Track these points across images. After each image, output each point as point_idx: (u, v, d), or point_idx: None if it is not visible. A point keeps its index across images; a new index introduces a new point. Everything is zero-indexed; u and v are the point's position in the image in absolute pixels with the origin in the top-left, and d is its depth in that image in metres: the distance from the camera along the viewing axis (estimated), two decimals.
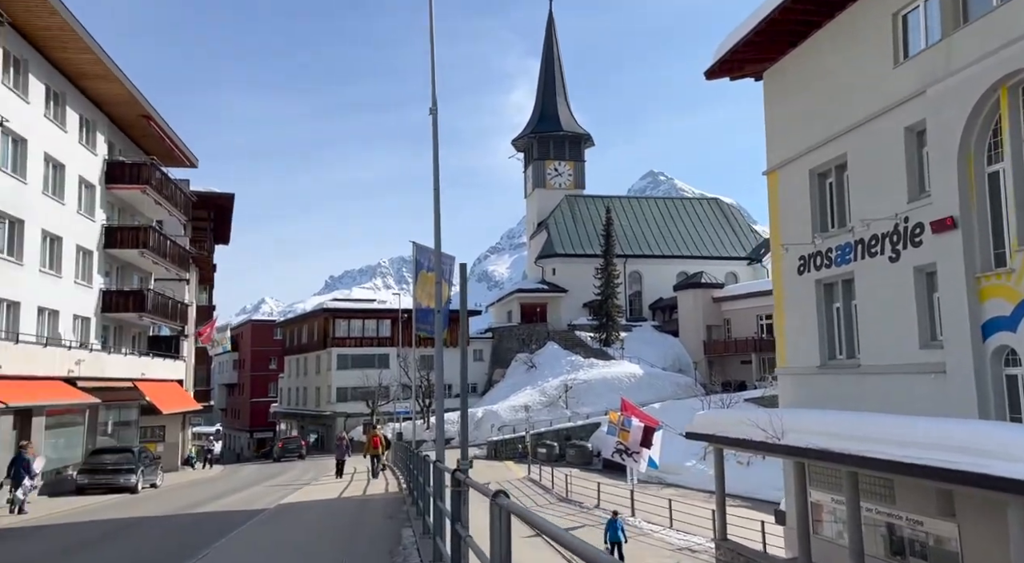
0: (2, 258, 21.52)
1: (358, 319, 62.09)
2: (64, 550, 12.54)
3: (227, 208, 47.20)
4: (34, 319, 23.43)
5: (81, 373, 23.85)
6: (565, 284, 66.14)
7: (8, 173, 21.96)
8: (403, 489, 19.30)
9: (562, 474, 30.14)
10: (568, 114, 74.94)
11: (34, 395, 20.25)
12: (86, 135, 27.78)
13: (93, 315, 28.08)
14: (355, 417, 54.97)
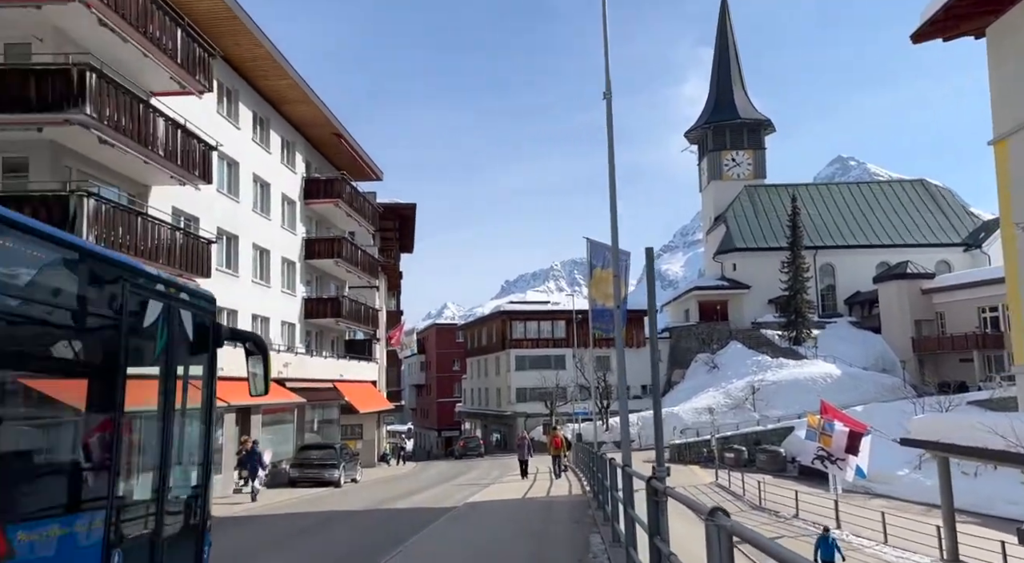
0: (222, 271, 23.97)
1: (534, 321, 62.92)
2: (291, 534, 13.78)
3: (410, 218, 49.76)
4: (248, 325, 25.90)
5: (289, 375, 26.05)
6: (747, 280, 62.48)
7: (225, 194, 24.46)
8: (586, 492, 18.88)
9: (753, 480, 28.19)
10: (745, 100, 70.86)
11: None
12: (287, 155, 30.39)
13: (297, 321, 30.62)
14: (534, 417, 55.62)
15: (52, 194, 14.31)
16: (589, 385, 52.60)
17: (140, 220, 16.83)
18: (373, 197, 40.23)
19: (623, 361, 10.95)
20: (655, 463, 6.53)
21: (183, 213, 21.46)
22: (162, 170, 17.92)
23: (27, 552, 3.59)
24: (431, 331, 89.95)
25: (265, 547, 12.67)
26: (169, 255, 17.88)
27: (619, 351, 10.95)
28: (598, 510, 13.81)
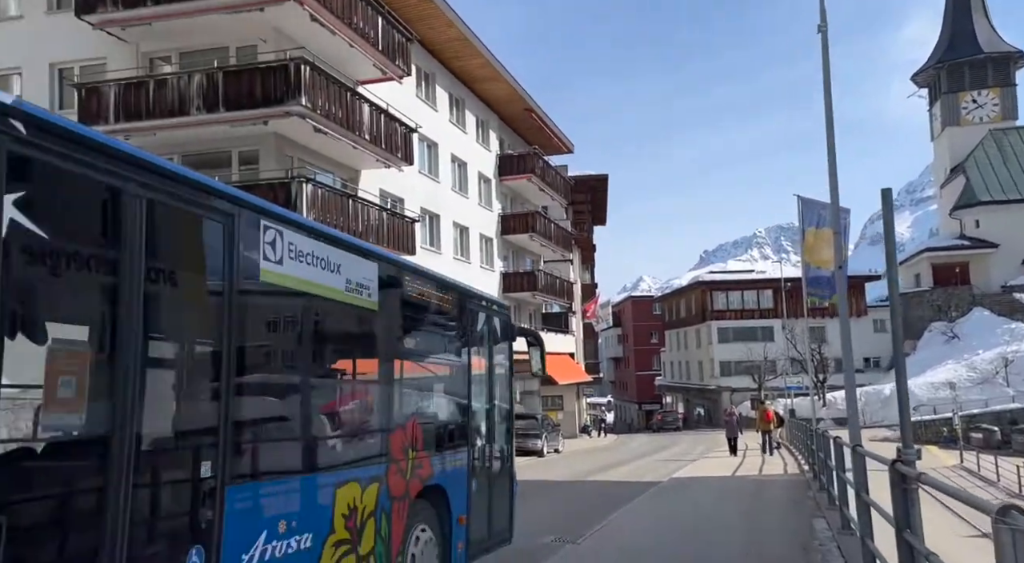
0: (425, 249, 25.19)
1: (736, 291, 59.79)
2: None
3: (602, 190, 49.23)
4: None
5: None
6: (994, 237, 54.39)
7: (426, 175, 25.61)
8: (804, 472, 17.41)
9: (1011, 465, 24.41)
10: (989, 30, 61.05)
11: None
12: (481, 134, 31.20)
13: (496, 295, 31.55)
14: (741, 391, 53.02)
15: (277, 181, 15.70)
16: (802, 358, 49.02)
17: (351, 202, 18.01)
18: (564, 170, 40.24)
19: (848, 329, 9.71)
20: (900, 444, 5.55)
21: (389, 195, 22.74)
22: (368, 154, 19.03)
23: (440, 470, 6.20)
24: (627, 304, 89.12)
25: None
26: (377, 234, 18.99)
27: (843, 319, 9.71)
28: (820, 492, 12.57)
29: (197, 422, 3.66)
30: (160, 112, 15.82)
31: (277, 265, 4.19)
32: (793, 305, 55.67)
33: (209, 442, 3.61)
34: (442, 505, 6.29)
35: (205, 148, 17.16)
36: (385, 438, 5.44)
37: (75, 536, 2.90)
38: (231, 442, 3.72)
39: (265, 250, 4.08)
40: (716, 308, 59.27)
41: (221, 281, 3.74)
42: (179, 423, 3.59)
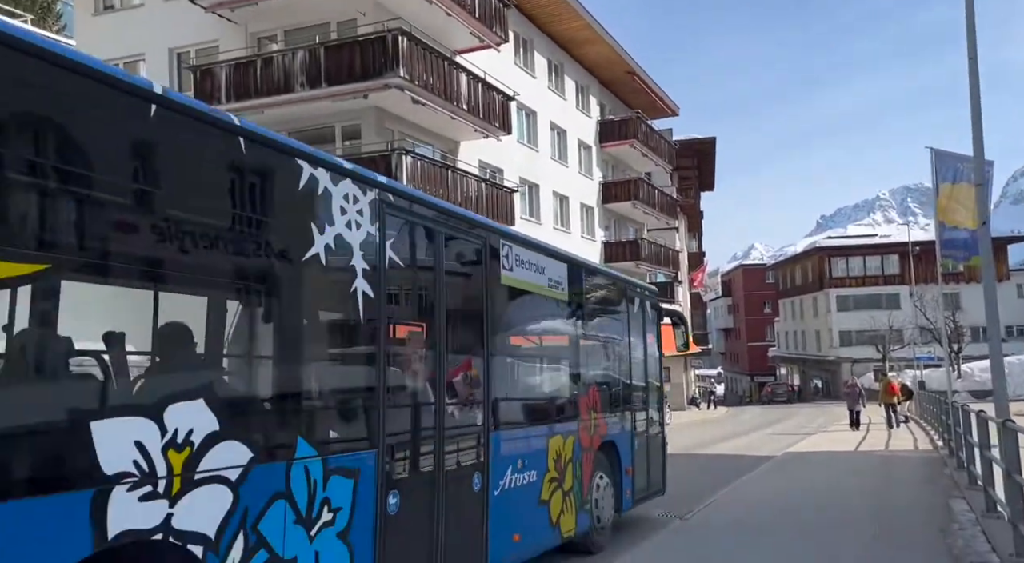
0: (525, 219, 24.97)
1: (858, 256, 56.21)
2: None
3: (709, 153, 47.27)
4: None
5: None
6: None
7: (525, 144, 25.31)
8: (938, 448, 16.07)
9: None
10: None
11: None
12: (581, 100, 30.48)
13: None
14: (863, 363, 49.99)
15: (378, 154, 15.86)
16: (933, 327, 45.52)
17: (450, 173, 18.00)
18: (669, 134, 38.84)
19: (994, 292, 8.64)
20: None
21: (488, 166, 22.62)
22: (466, 124, 18.92)
23: (612, 430, 7.64)
24: (737, 272, 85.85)
25: None
26: (476, 205, 18.91)
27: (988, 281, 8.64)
28: (958, 470, 11.47)
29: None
30: (267, 90, 16.30)
31: (512, 274, 5.84)
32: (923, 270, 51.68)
33: (481, 400, 5.27)
34: (614, 458, 7.74)
35: (310, 124, 17.58)
36: (576, 403, 6.97)
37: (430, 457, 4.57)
38: (492, 401, 5.37)
39: (510, 269, 5.79)
40: (835, 275, 56.00)
41: (479, 286, 5.44)
42: (464, 386, 5.20)
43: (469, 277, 5.43)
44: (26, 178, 2.51)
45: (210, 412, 3.06)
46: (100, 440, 2.62)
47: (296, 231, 3.58)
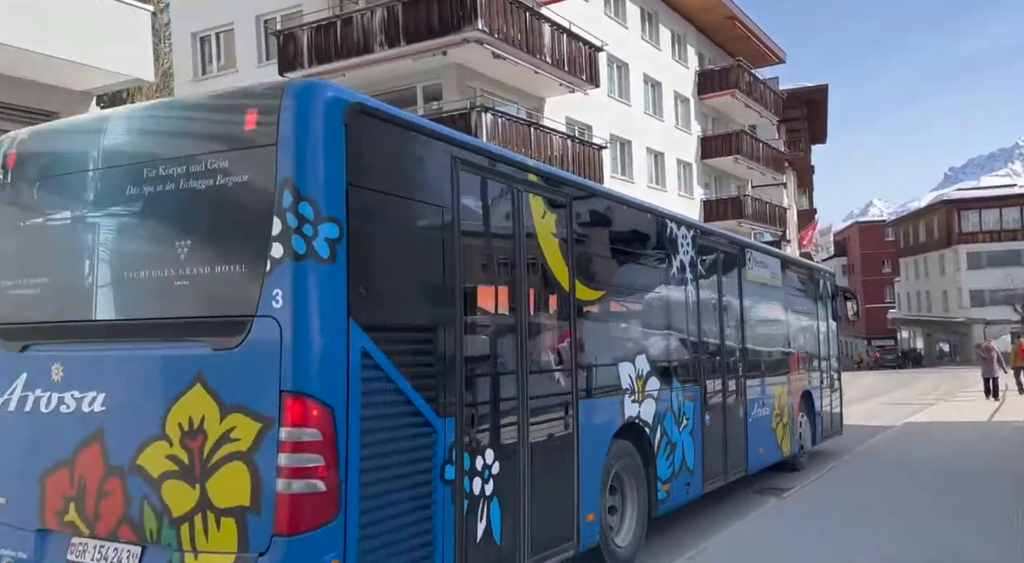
0: (616, 178, 23.94)
1: (993, 208, 51.24)
2: None
3: (820, 102, 44.02)
4: None
5: None
6: None
7: (616, 99, 24.17)
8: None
9: None
10: None
11: None
12: (678, 50, 28.80)
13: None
14: (997, 324, 45.73)
15: (457, 113, 15.40)
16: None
17: (533, 131, 17.32)
18: (775, 84, 36.28)
19: None
20: None
21: (576, 122, 21.73)
22: (551, 78, 18.12)
23: (808, 383, 10.15)
24: (852, 230, 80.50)
25: None
26: (562, 163, 18.17)
27: None
28: None
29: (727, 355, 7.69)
30: (347, 52, 16.14)
31: (751, 271, 8.35)
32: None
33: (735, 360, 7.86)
34: (810, 404, 10.22)
35: (393, 86, 17.33)
36: (788, 362, 9.50)
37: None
38: (745, 359, 8.05)
39: (750, 267, 8.29)
40: (965, 230, 51.35)
41: (737, 283, 7.95)
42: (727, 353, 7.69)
43: (734, 277, 7.98)
44: (594, 252, 5.47)
45: (646, 362, 5.93)
46: (620, 373, 5.55)
47: (664, 260, 6.52)
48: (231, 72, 20.11)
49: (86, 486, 3.44)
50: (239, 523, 3.06)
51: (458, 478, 3.71)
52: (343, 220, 3.16)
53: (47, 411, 3.59)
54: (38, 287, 3.75)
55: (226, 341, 3.15)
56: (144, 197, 3.44)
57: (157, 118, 3.64)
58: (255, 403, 3.08)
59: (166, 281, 3.35)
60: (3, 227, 3.91)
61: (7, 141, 3.97)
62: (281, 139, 3.11)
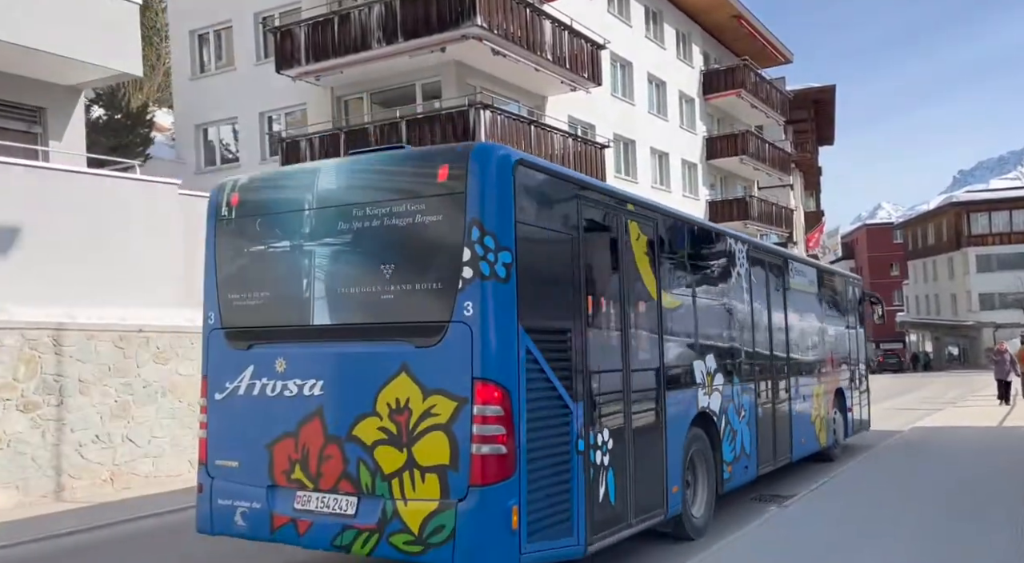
0: (620, 178, 23.63)
1: (1003, 210, 50.67)
2: None
3: (828, 103, 43.56)
4: None
5: None
6: None
7: (619, 98, 23.86)
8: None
9: None
10: None
11: None
12: (682, 49, 28.48)
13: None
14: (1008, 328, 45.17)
15: (455, 110, 15.14)
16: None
17: (533, 129, 17.03)
18: (782, 84, 35.88)
19: None
20: None
21: (579, 121, 21.45)
22: (552, 76, 17.85)
23: (840, 381, 11.16)
24: (860, 233, 79.86)
25: None
26: (564, 161, 17.89)
27: None
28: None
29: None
30: (344, 49, 15.91)
31: (793, 279, 9.42)
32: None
33: (781, 358, 8.92)
34: (842, 400, 11.21)
35: (390, 83, 17.14)
36: (824, 361, 10.48)
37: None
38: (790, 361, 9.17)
39: (791, 276, 9.38)
40: (975, 232, 50.80)
41: (782, 291, 8.97)
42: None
43: (780, 285, 9.07)
44: (674, 266, 6.39)
45: (714, 361, 6.81)
46: (694, 370, 6.41)
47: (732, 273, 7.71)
48: (229, 70, 19.94)
49: (309, 451, 4.55)
50: (440, 478, 4.12)
51: (587, 450, 4.73)
52: (513, 249, 4.21)
53: (272, 395, 4.72)
54: (260, 300, 4.89)
55: (426, 340, 4.24)
56: (353, 231, 4.56)
57: (363, 171, 4.76)
58: (452, 387, 4.15)
59: (374, 295, 4.45)
60: (229, 254, 5.05)
61: (228, 185, 5.16)
62: (469, 189, 4.18)
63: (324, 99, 17.81)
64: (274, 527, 4.67)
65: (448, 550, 4.09)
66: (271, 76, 17.43)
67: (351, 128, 16.33)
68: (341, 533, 4.41)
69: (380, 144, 15.06)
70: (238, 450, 4.89)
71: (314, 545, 4.60)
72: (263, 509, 4.70)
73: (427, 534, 4.15)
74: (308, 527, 4.54)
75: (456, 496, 4.09)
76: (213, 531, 4.97)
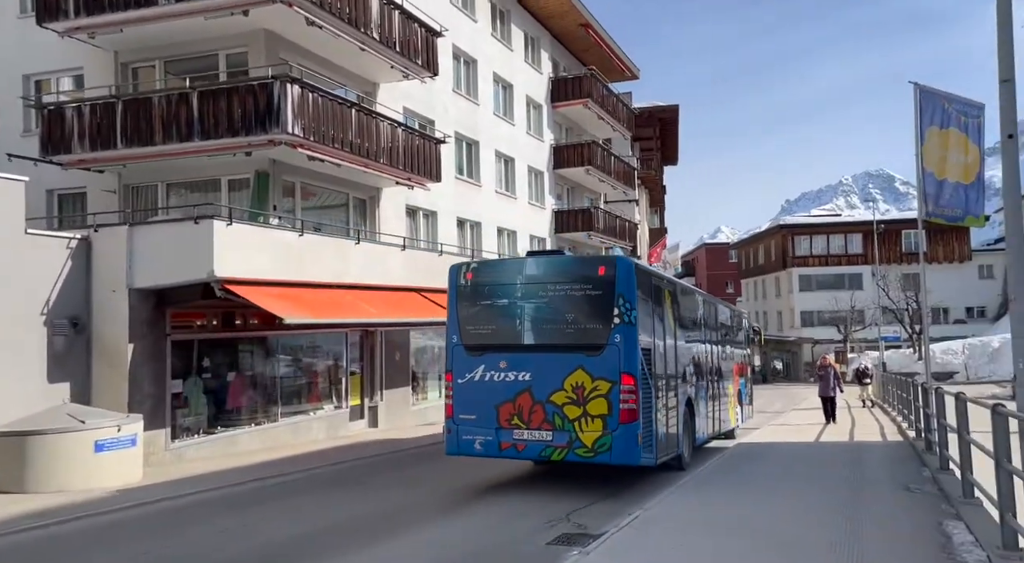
0: (462, 180, 22.34)
1: (821, 234, 54.72)
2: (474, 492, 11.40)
3: (672, 123, 44.96)
4: (494, 239, 24.27)
5: None
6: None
7: (462, 95, 22.59)
8: (908, 438, 14.03)
9: None
10: None
11: None
12: (531, 53, 27.78)
13: (548, 236, 28.52)
14: (825, 343, 48.55)
15: (257, 82, 13.06)
16: (895, 307, 44.15)
17: (354, 113, 15.25)
18: (629, 99, 36.34)
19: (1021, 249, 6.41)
20: None
21: (417, 115, 19.93)
22: (380, 59, 16.20)
23: (740, 383, 16.77)
24: (700, 251, 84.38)
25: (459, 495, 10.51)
26: (391, 156, 16.27)
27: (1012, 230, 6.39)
28: (942, 472, 9.32)
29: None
30: (124, 2, 13.37)
31: (721, 316, 15.51)
32: (886, 250, 50.38)
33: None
34: (741, 396, 16.40)
35: (187, 51, 14.75)
36: (732, 369, 15.56)
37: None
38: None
39: (720, 314, 15.47)
40: (798, 254, 54.50)
41: (717, 324, 14.92)
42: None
43: (714, 319, 14.43)
44: (680, 314, 11.72)
45: (692, 369, 11.94)
46: (687, 373, 11.65)
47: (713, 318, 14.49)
48: None
49: (523, 409, 9.08)
50: (603, 421, 8.73)
51: (654, 412, 9.44)
52: (636, 307, 8.92)
53: (498, 380, 9.25)
54: (487, 330, 9.51)
55: (594, 352, 8.89)
56: (548, 295, 9.26)
57: (552, 264, 9.60)
58: (609, 375, 8.79)
59: (561, 329, 9.17)
60: (468, 304, 9.68)
61: (465, 266, 9.93)
62: (617, 278, 8.93)
63: (106, 64, 15.05)
64: (501, 448, 9.22)
65: (607, 455, 8.70)
66: (38, 31, 14.47)
67: (130, 97, 13.74)
68: (543, 449, 8.99)
69: (167, 115, 13.02)
70: (473, 409, 9.38)
71: (528, 456, 9.28)
72: (493, 440, 9.22)
73: (596, 448, 8.74)
74: (524, 447, 9.09)
75: (612, 429, 8.71)
76: (460, 453, 9.52)
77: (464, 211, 22.47)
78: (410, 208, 19.72)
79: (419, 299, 17.15)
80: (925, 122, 11.69)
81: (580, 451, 8.72)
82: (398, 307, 16.35)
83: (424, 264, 17.75)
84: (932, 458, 10.55)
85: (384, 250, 16.61)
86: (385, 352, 17.87)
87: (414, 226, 20.18)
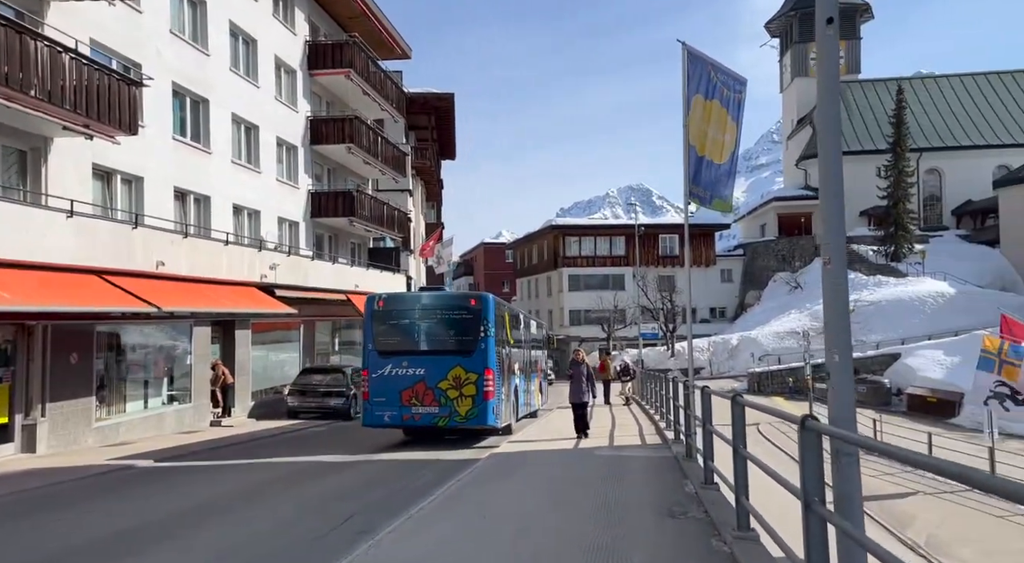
0: (183, 141, 18.36)
1: (589, 236, 56.60)
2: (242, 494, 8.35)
3: (448, 112, 43.28)
4: (229, 218, 20.48)
5: (278, 280, 20.62)
6: None
7: (184, 39, 18.58)
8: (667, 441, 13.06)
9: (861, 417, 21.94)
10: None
11: (217, 301, 16.98)
12: (283, 10, 24.23)
13: (302, 220, 25.14)
14: (591, 341, 49.91)
15: None
16: (653, 307, 46.44)
17: (4, 32, 11.10)
18: (399, 78, 33.89)
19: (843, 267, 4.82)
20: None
21: (114, 53, 15.77)
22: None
23: (540, 375, 22.98)
24: (479, 251, 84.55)
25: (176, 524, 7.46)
26: (61, 93, 12.22)
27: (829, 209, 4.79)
28: (708, 488, 7.93)
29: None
30: None
31: (532, 328, 21.98)
32: (646, 252, 53.27)
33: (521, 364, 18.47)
34: (540, 387, 22.59)
35: None
36: (535, 365, 21.36)
37: None
38: (527, 363, 19.62)
39: (532, 327, 22.00)
40: (568, 254, 55.86)
41: (531, 333, 21.17)
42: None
43: (529, 330, 20.76)
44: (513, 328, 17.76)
45: (518, 365, 17.71)
46: (516, 369, 17.79)
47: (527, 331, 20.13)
48: None
49: (419, 393, 14.06)
50: (472, 399, 13.99)
51: (509, 392, 16.15)
52: (493, 326, 14.44)
53: (401, 374, 14.14)
54: (394, 340, 14.45)
55: (467, 355, 14.18)
56: (436, 317, 14.60)
57: (441, 297, 15.19)
58: (476, 370, 14.10)
59: (445, 339, 14.44)
60: (379, 323, 14.59)
61: (378, 296, 15.08)
62: (483, 307, 14.48)
63: None
64: (403, 419, 14.13)
65: (475, 421, 14.02)
66: None
67: None
68: (433, 419, 14.00)
69: None
70: (384, 394, 14.06)
71: (422, 424, 14.17)
72: (397, 414, 14.04)
73: (467, 416, 13.94)
74: (420, 417, 14.03)
75: (477, 404, 13.93)
76: (374, 425, 14.26)
77: (186, 181, 18.48)
78: (101, 170, 15.50)
79: (99, 284, 13.18)
80: (692, 89, 10.56)
81: (457, 418, 13.87)
82: (65, 293, 12.30)
83: (109, 238, 13.80)
84: (694, 467, 9.30)
85: (42, 216, 12.44)
86: (51, 353, 13.58)
87: (109, 193, 15.94)
